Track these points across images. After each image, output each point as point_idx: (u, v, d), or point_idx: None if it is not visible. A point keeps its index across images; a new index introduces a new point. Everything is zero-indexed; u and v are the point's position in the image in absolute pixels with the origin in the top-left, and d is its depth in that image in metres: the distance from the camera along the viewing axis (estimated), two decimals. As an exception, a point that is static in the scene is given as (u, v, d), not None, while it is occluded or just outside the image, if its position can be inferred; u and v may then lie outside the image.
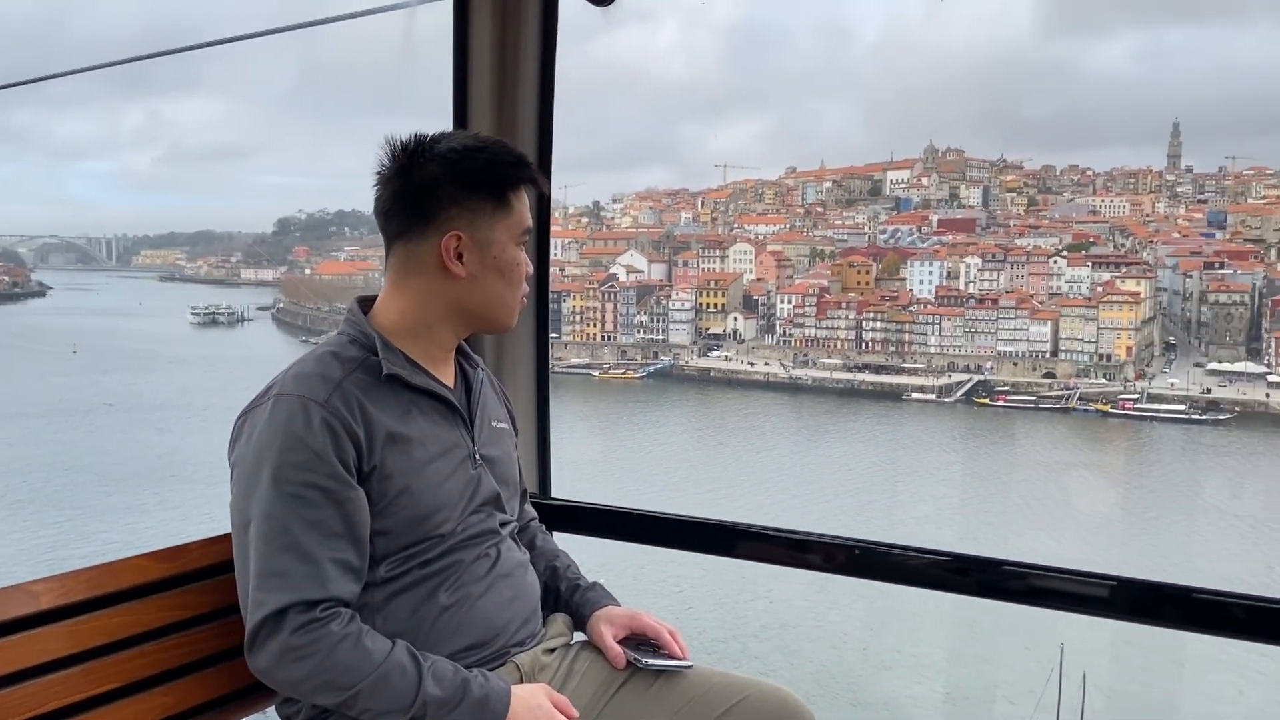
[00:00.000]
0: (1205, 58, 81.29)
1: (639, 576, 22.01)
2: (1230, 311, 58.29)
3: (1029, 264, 60.24)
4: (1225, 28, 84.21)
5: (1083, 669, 17.76)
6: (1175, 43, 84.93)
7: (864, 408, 51.85)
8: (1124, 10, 78.33)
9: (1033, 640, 19.89)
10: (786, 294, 60.74)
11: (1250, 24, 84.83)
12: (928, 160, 77.45)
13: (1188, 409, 50.84)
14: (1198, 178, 74.09)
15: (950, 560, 2.84)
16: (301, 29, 3.82)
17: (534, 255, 3.26)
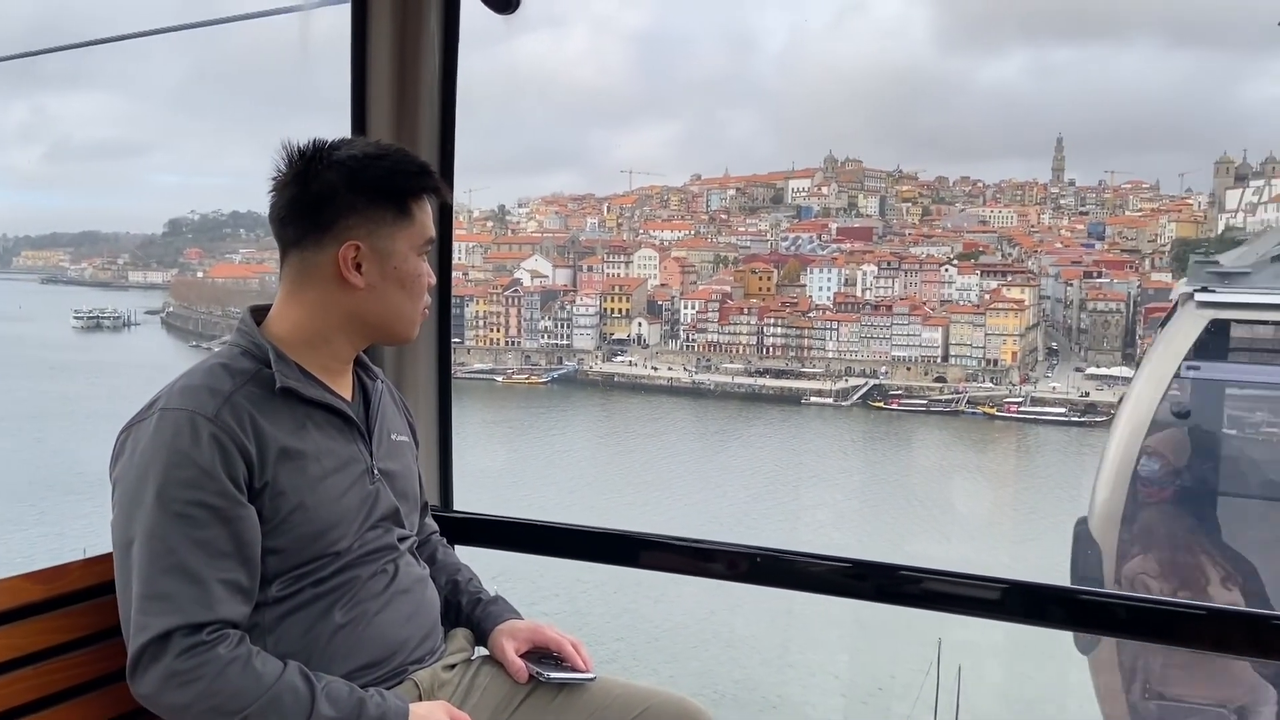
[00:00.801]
0: (1088, 76, 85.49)
1: (542, 588, 21.89)
2: (1108, 318, 61.25)
3: (922, 272, 62.21)
4: (1107, 48, 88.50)
5: (958, 664, 18.45)
6: (1061, 61, 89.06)
7: (765, 412, 52.69)
8: (1015, 29, 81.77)
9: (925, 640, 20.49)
10: (690, 299, 61.29)
11: (1130, 45, 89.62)
12: (828, 170, 79.30)
13: (1067, 412, 53.07)
14: (1080, 190, 77.73)
15: (849, 566, 2.92)
16: (197, 28, 3.70)
17: (436, 265, 3.22)
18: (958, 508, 38.33)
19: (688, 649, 24.70)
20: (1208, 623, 2.55)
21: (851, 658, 24.68)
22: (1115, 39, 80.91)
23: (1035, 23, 78.49)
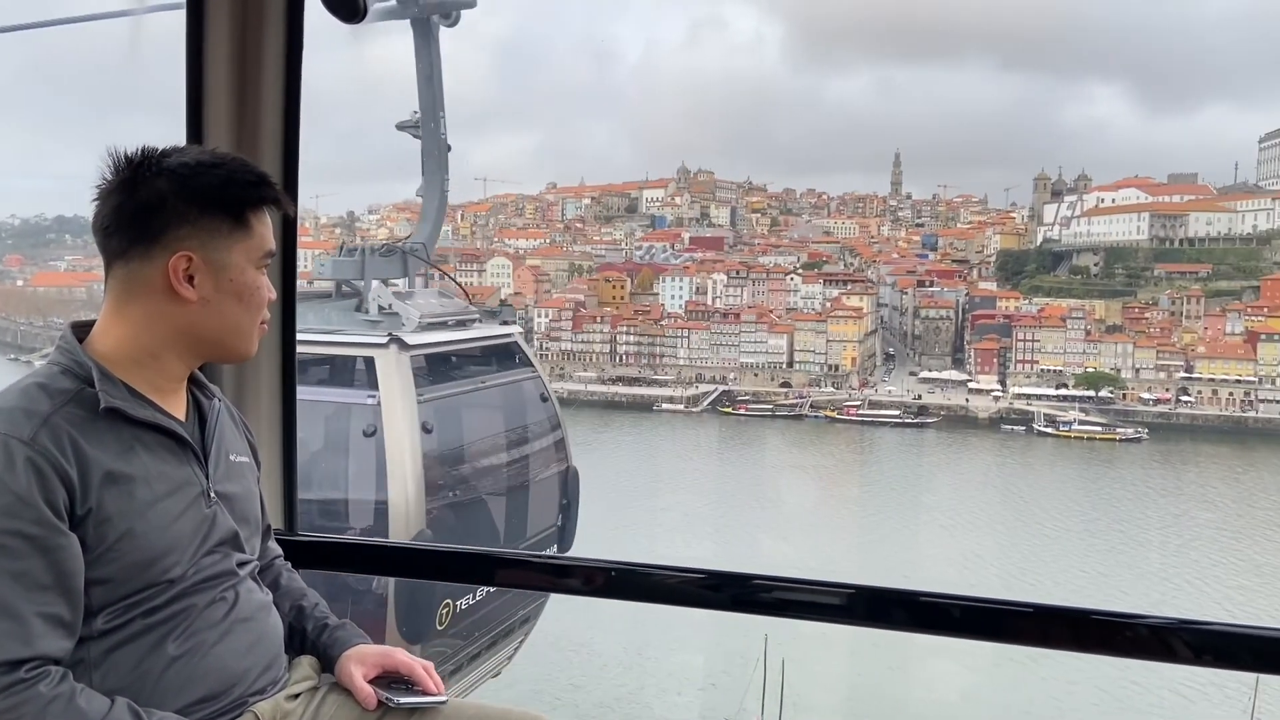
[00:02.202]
0: (926, 95, 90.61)
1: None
2: (938, 325, 64.97)
3: (769, 281, 64.41)
4: (944, 70, 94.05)
5: (782, 657, 19.24)
6: (902, 81, 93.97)
7: (618, 419, 53.13)
8: (861, 49, 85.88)
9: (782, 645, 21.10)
10: (544, 308, 61.59)
11: (965, 67, 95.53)
12: (681, 180, 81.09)
13: (901, 414, 56.09)
14: (916, 204, 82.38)
15: (704, 577, 2.98)
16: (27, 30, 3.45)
17: (279, 278, 3.10)
18: (801, 509, 39.68)
19: (547, 669, 24.54)
20: (1034, 619, 2.74)
21: (707, 660, 25.08)
22: (952, 61, 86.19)
23: (879, 44, 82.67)
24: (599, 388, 57.05)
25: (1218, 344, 53.30)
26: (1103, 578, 31.99)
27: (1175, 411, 51.69)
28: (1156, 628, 2.54)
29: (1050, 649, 2.80)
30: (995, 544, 35.68)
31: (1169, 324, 56.09)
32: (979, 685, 23.49)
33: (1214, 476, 45.08)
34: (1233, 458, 46.54)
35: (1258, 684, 17.57)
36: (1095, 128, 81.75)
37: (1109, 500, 41.48)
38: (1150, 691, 22.23)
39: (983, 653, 21.13)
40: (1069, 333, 55.97)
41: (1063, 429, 50.99)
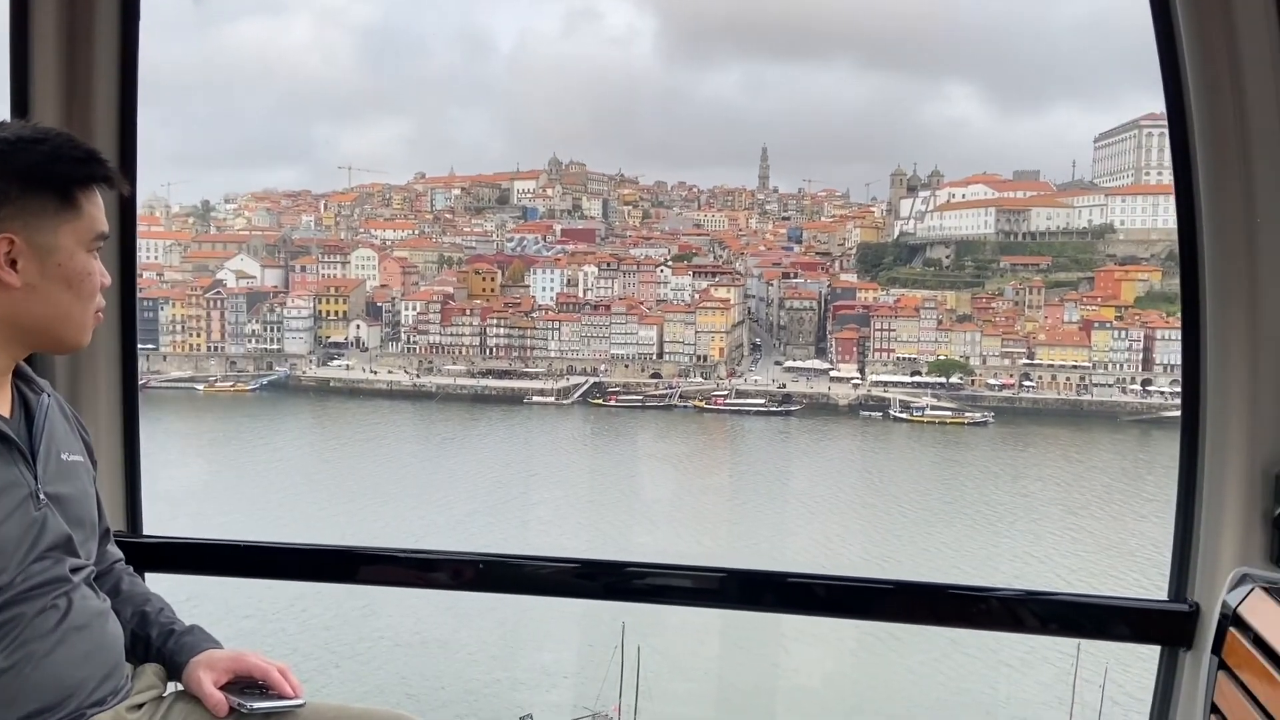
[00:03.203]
0: (794, 92, 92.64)
1: (250, 613, 20.49)
2: (802, 316, 66.80)
3: (640, 273, 64.90)
4: (811, 67, 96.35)
5: (637, 644, 19.60)
6: (771, 77, 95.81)
7: (488, 413, 52.59)
8: (732, 45, 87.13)
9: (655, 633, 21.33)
10: (412, 300, 59.97)
11: (830, 65, 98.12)
12: (553, 172, 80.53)
13: (767, 402, 57.21)
14: (782, 197, 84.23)
15: (578, 566, 2.99)
16: None
17: (116, 263, 2.95)
18: (672, 498, 40.19)
19: (414, 666, 24.08)
20: (895, 596, 2.88)
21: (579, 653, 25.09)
22: (817, 58, 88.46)
23: (749, 40, 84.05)
24: (468, 381, 56.31)
25: (1057, 332, 56.74)
26: (955, 553, 33.71)
27: (1019, 396, 54.78)
28: (1006, 599, 2.71)
29: (911, 624, 2.94)
30: (858, 525, 37.05)
31: (1013, 313, 59.28)
32: (837, 665, 24.34)
33: (1052, 456, 48.08)
34: (1069, 438, 49.71)
35: (1079, 650, 18.89)
36: (951, 126, 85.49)
37: (958, 480, 43.71)
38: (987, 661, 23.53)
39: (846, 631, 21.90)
40: (922, 322, 58.51)
41: (916, 414, 53.35)
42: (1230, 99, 2.29)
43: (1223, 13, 2.23)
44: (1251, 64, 2.24)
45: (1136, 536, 33.48)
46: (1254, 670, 2.07)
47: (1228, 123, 2.31)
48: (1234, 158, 2.33)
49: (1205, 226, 2.42)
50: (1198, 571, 2.46)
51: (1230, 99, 2.29)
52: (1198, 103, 2.34)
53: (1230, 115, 2.30)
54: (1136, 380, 54.12)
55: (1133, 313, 56.09)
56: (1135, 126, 63.95)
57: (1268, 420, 2.37)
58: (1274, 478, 2.35)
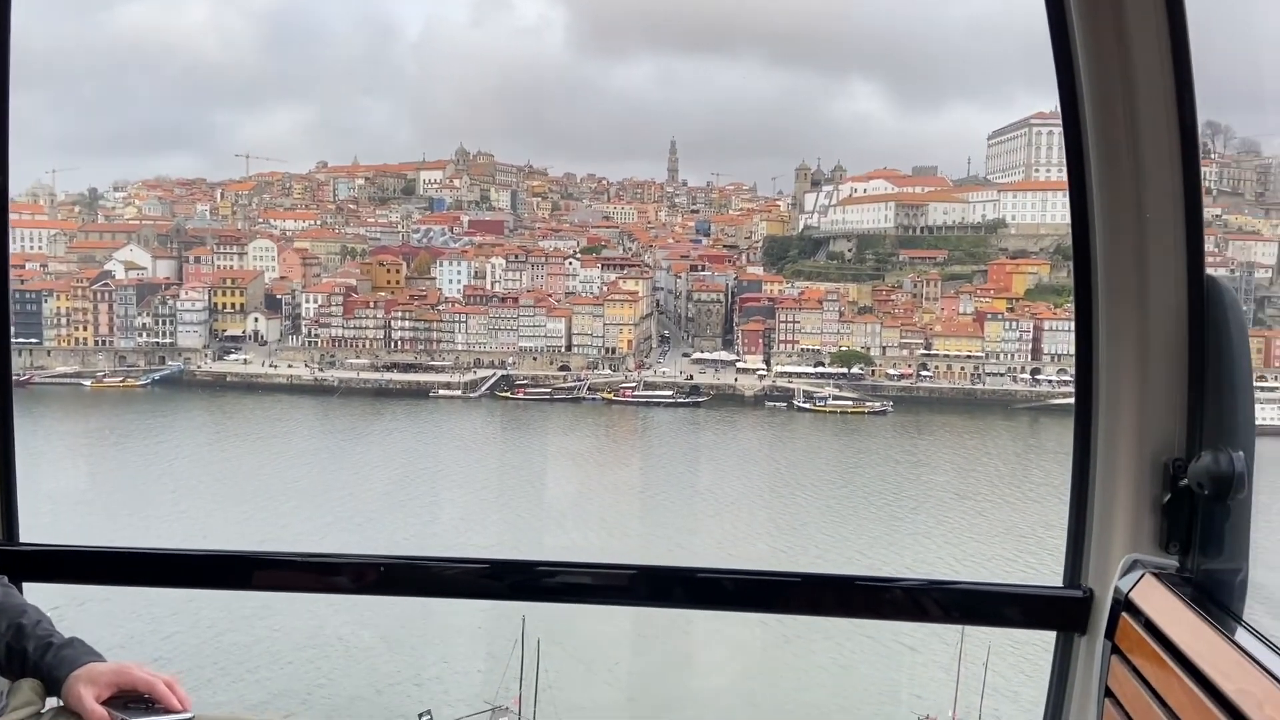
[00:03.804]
0: (703, 86, 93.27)
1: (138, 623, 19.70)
2: (710, 308, 67.43)
3: (548, 265, 64.58)
4: (720, 62, 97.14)
5: (537, 638, 19.63)
6: (682, 71, 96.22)
7: (392, 407, 51.65)
8: (644, 39, 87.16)
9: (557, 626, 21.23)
10: (313, 293, 58.81)
11: (739, 60, 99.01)
12: (460, 162, 79.30)
13: (675, 394, 57.91)
14: (691, 191, 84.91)
15: (486, 567, 2.91)
16: None
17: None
18: (581, 493, 40.06)
19: (312, 673, 23.43)
20: (804, 589, 2.89)
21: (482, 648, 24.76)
22: (727, 54, 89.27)
23: (660, 34, 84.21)
24: (372, 375, 55.26)
25: (952, 323, 58.68)
26: (859, 539, 34.46)
27: (916, 385, 56.52)
28: (910, 589, 2.74)
29: (819, 616, 2.97)
30: (766, 516, 37.58)
31: (911, 305, 61.05)
32: (737, 655, 24.67)
33: (945, 443, 49.77)
34: (961, 425, 51.52)
35: (963, 633, 19.60)
36: (855, 122, 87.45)
37: (859, 468, 44.82)
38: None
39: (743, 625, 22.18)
40: (825, 314, 59.83)
41: (819, 404, 54.64)
42: (1121, 101, 2.36)
43: (1114, 17, 2.29)
44: (1143, 68, 2.31)
45: (1027, 519, 34.86)
46: (1145, 654, 2.14)
47: (1119, 123, 2.38)
48: (1125, 156, 2.41)
49: (1097, 222, 2.49)
50: (1091, 558, 2.53)
51: (1121, 101, 2.36)
52: (1091, 104, 2.41)
53: (1121, 116, 2.37)
54: (1026, 369, 56.43)
55: (1023, 304, 58.33)
56: (1026, 125, 66.41)
57: (1157, 409, 2.45)
58: (1163, 466, 2.43)
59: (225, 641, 23.32)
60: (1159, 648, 2.10)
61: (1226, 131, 60.43)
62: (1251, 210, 60.27)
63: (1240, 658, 1.87)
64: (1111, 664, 2.32)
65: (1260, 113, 55.92)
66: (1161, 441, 2.47)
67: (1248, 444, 2.28)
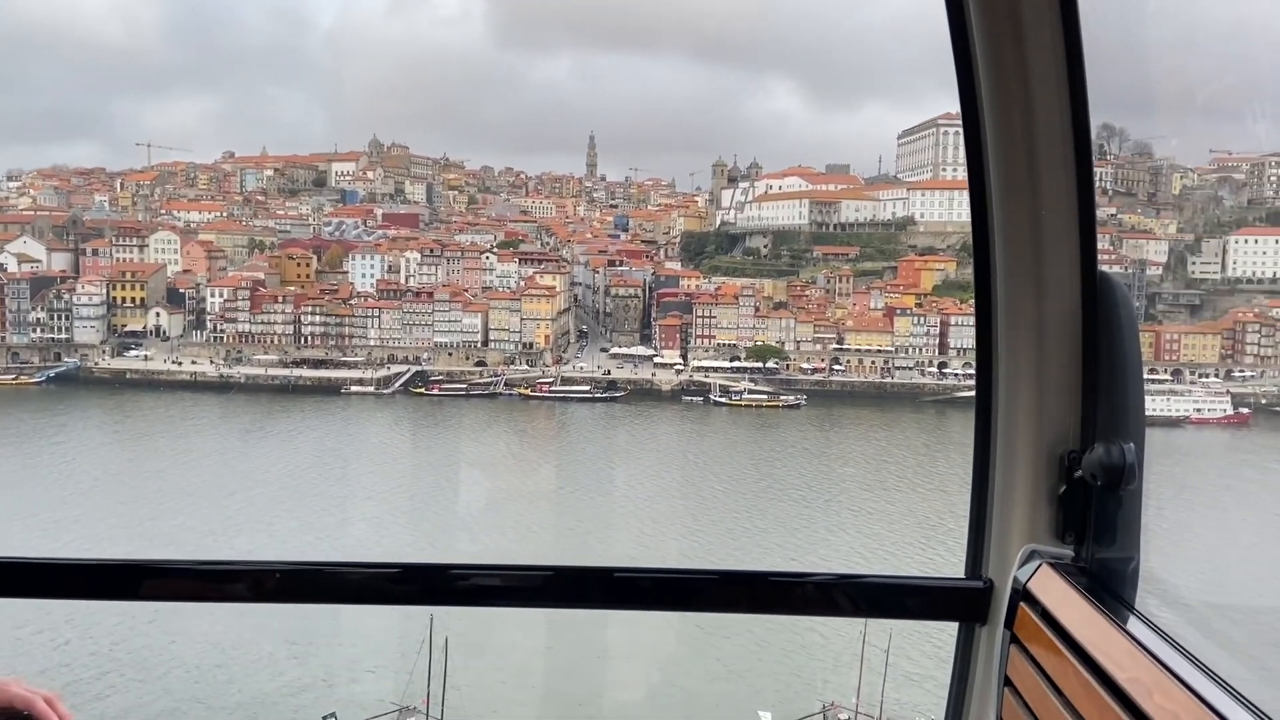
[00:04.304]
0: (624, 81, 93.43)
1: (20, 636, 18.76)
2: (628, 303, 67.57)
3: (465, 259, 63.85)
4: (642, 58, 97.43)
5: (444, 635, 19.46)
6: (603, 66, 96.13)
7: (302, 404, 50.35)
8: (566, 33, 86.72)
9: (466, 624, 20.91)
10: (219, 287, 57.43)
11: (660, 57, 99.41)
12: (373, 154, 77.69)
13: (591, 389, 57.77)
14: (610, 186, 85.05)
15: (398, 571, 2.80)
16: None
17: None
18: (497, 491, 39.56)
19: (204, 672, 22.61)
20: (719, 585, 2.87)
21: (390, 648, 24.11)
22: (649, 50, 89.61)
23: (582, 29, 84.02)
24: (281, 371, 53.88)
25: (864, 318, 60.00)
26: (773, 530, 34.99)
27: (829, 379, 57.65)
28: (822, 584, 2.74)
29: (734, 613, 2.94)
30: (682, 511, 37.76)
31: (825, 300, 62.23)
32: (643, 653, 24.72)
33: (857, 436, 50.88)
34: (872, 418, 52.72)
35: (866, 625, 20.06)
36: (773, 120, 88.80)
37: (773, 461, 45.42)
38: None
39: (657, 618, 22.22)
40: (741, 309, 60.55)
41: (734, 398, 55.36)
42: (1019, 105, 2.41)
43: (1012, 24, 2.33)
44: (1039, 73, 2.36)
45: (935, 508, 35.80)
46: (1042, 643, 2.18)
47: (1016, 125, 2.43)
48: (1022, 157, 2.45)
49: (996, 221, 2.53)
50: (992, 550, 2.57)
51: (1019, 105, 2.41)
52: (990, 107, 2.45)
53: (1019, 119, 2.42)
54: (933, 363, 58.03)
55: (931, 300, 59.96)
56: (933, 125, 68.23)
57: (1053, 403, 2.50)
58: (1059, 458, 2.48)
59: (125, 649, 22.39)
60: (1055, 637, 2.14)
61: (1121, 134, 63.08)
62: (1144, 210, 63.03)
63: (1132, 646, 1.92)
64: (1010, 654, 2.36)
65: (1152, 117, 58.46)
66: (1057, 434, 2.52)
67: (1138, 436, 2.34)
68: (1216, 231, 61.18)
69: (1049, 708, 2.07)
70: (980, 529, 2.67)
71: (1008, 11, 2.33)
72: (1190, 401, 49.02)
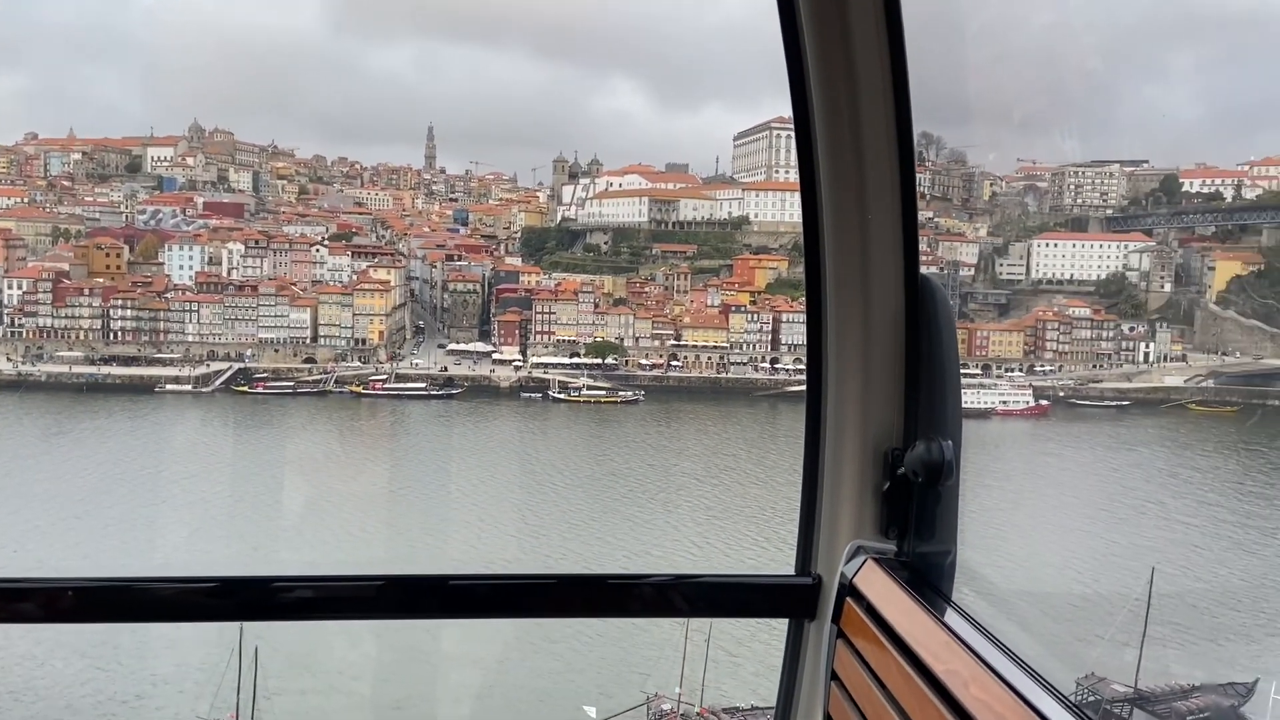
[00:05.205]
0: (467, 74, 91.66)
1: None
2: (466, 299, 66.51)
3: (293, 251, 61.14)
4: (486, 51, 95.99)
5: (254, 644, 18.78)
6: (446, 57, 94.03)
7: (110, 404, 46.99)
8: (407, 22, 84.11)
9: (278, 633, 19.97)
10: (17, 278, 52.81)
11: (504, 50, 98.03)
12: (194, 139, 73.03)
13: (428, 386, 56.61)
14: (450, 178, 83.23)
15: (215, 585, 2.59)
16: None
17: None
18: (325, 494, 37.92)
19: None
20: (558, 590, 2.81)
21: (198, 661, 22.71)
22: (492, 44, 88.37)
23: (425, 19, 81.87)
24: (87, 369, 50.21)
25: (701, 315, 61.44)
26: (609, 526, 35.20)
27: (667, 375, 58.76)
28: (659, 585, 2.72)
29: (573, 618, 2.89)
30: (520, 511, 37.34)
31: (663, 297, 63.35)
32: (468, 654, 24.44)
33: (693, 431, 52.08)
34: (708, 413, 54.08)
35: (688, 625, 20.57)
36: (615, 117, 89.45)
37: (611, 457, 45.81)
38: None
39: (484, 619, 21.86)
40: (581, 305, 60.84)
41: (573, 394, 55.61)
42: (847, 112, 2.48)
43: (842, 35, 2.40)
44: (866, 82, 2.44)
45: (771, 500, 36.93)
46: (867, 637, 2.25)
47: (845, 132, 2.51)
48: (850, 161, 2.53)
49: (826, 223, 2.60)
50: (821, 546, 2.64)
51: (847, 112, 2.48)
52: (820, 113, 2.52)
53: (847, 126, 2.50)
54: (767, 359, 60.02)
55: (764, 298, 61.91)
56: (767, 128, 70.34)
57: (878, 401, 2.59)
58: (884, 455, 2.57)
59: None
60: (878, 631, 2.20)
61: (939, 142, 67.07)
62: (958, 214, 67.21)
63: (949, 638, 1.99)
64: (837, 648, 2.41)
65: (967, 126, 62.44)
66: (882, 432, 2.60)
67: (956, 433, 2.44)
68: (1022, 236, 65.96)
69: (873, 701, 2.13)
70: (810, 525, 2.72)
71: (837, 22, 2.40)
72: (997, 394, 52.70)
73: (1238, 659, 25.08)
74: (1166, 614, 25.23)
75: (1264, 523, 35.73)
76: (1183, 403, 55.34)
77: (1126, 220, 66.07)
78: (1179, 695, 23.91)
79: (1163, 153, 67.08)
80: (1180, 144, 67.06)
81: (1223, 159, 66.46)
